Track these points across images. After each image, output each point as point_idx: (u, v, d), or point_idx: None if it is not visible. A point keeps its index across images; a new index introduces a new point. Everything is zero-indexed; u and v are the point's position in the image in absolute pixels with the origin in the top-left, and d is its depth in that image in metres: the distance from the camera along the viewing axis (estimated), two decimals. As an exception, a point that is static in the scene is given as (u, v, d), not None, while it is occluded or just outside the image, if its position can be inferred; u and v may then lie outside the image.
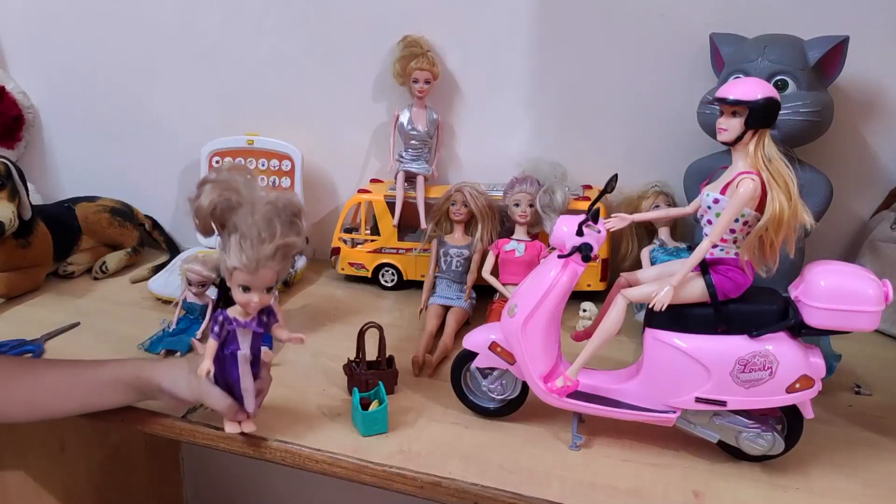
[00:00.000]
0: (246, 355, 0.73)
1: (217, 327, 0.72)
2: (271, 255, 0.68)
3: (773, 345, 0.70)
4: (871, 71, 1.01)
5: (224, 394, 0.75)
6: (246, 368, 0.74)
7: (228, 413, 0.75)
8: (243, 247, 0.67)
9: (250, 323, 0.72)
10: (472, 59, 1.17)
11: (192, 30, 1.28)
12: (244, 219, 0.68)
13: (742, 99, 0.67)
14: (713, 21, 1.03)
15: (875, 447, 0.78)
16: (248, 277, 0.68)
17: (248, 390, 0.75)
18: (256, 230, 0.67)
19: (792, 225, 0.68)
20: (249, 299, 0.70)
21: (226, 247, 0.69)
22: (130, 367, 0.80)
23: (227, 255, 0.68)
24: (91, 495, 1.27)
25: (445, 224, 1.10)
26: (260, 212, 0.68)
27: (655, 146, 1.13)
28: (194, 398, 0.76)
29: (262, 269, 0.68)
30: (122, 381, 0.79)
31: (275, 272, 0.70)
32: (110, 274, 1.24)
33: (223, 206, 0.68)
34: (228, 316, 0.72)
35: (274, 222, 0.68)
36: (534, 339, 0.75)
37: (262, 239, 0.67)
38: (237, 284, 0.69)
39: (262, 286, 0.70)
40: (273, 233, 0.68)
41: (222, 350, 0.73)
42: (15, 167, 1.13)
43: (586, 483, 0.72)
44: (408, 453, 0.76)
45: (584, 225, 0.74)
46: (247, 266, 0.67)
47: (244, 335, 0.73)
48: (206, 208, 0.68)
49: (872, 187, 1.07)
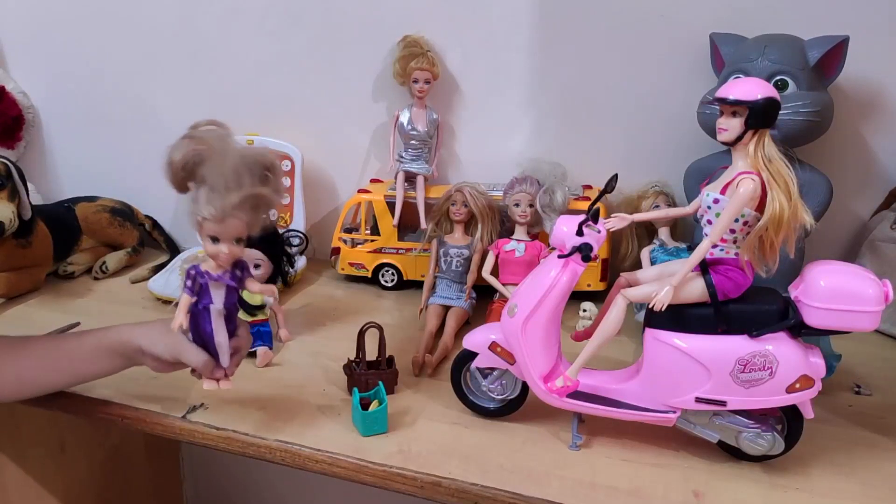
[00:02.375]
0: (220, 310, 0.73)
1: (189, 282, 0.72)
2: (238, 203, 0.68)
3: (773, 345, 0.70)
4: (871, 71, 1.01)
5: (199, 349, 0.75)
6: (220, 323, 0.74)
7: (205, 369, 0.75)
8: (210, 197, 0.67)
9: (223, 276, 0.72)
10: (472, 59, 1.17)
11: (192, 30, 1.28)
12: (212, 169, 0.68)
13: (742, 99, 0.67)
14: (713, 21, 1.03)
15: (875, 447, 0.78)
16: (215, 227, 0.68)
17: (221, 345, 0.74)
18: (223, 180, 0.67)
19: (792, 225, 0.68)
20: (218, 250, 0.70)
21: (196, 199, 0.69)
22: (112, 332, 0.80)
23: (197, 207, 0.69)
24: (91, 495, 1.27)
25: (445, 224, 1.10)
26: (229, 163, 0.68)
27: (655, 146, 1.13)
28: (171, 355, 0.76)
29: (229, 219, 0.68)
30: (106, 347, 0.79)
31: (243, 223, 0.70)
32: (110, 274, 1.24)
33: (195, 160, 0.68)
34: (200, 269, 0.72)
35: (242, 172, 0.68)
36: (534, 339, 0.75)
37: (230, 188, 0.67)
38: (206, 235, 0.69)
39: (231, 236, 0.69)
40: (240, 182, 0.68)
41: (195, 306, 0.73)
42: (15, 167, 1.13)
43: (586, 483, 0.72)
44: (408, 453, 0.76)
45: (584, 225, 0.74)
46: (214, 215, 0.68)
47: (217, 289, 0.73)
48: (177, 162, 0.68)
49: (872, 187, 1.07)
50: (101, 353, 0.80)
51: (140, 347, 0.77)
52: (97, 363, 0.80)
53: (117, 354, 0.79)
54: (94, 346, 0.80)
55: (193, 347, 0.75)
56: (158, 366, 0.79)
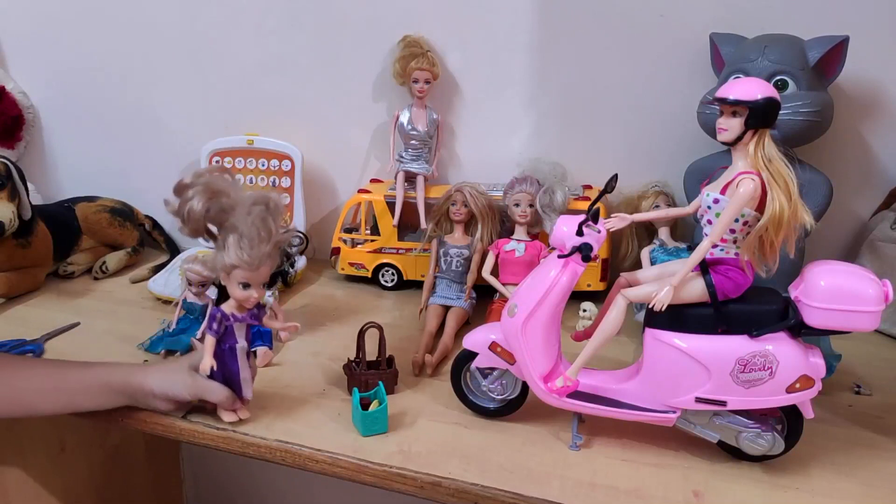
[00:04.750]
0: (244, 347, 0.77)
1: (216, 324, 0.75)
2: (270, 252, 0.72)
3: (773, 345, 0.70)
4: (871, 71, 1.01)
5: (222, 386, 0.78)
6: (244, 359, 0.78)
7: (227, 403, 0.78)
8: (243, 246, 0.70)
9: (246, 317, 0.76)
10: (472, 59, 1.17)
11: (193, 30, 1.28)
12: (242, 219, 0.70)
13: (742, 99, 0.67)
14: (713, 21, 1.03)
15: (875, 447, 0.78)
16: (248, 275, 0.72)
17: (247, 380, 0.78)
18: (256, 230, 0.70)
19: (792, 225, 0.68)
20: (249, 295, 0.73)
21: (224, 246, 0.71)
22: (120, 372, 0.81)
23: (225, 254, 0.71)
24: (91, 495, 1.27)
25: (445, 224, 1.10)
26: (255, 212, 0.71)
27: (655, 146, 1.13)
28: (192, 395, 0.78)
29: (261, 267, 0.72)
30: (110, 386, 0.80)
31: (269, 268, 0.74)
32: (110, 274, 1.24)
33: (216, 209, 0.71)
34: (225, 313, 0.75)
35: (269, 221, 0.71)
36: (534, 339, 0.75)
37: (262, 238, 0.71)
38: (237, 282, 0.73)
39: (260, 282, 0.74)
40: (269, 231, 0.71)
41: (220, 345, 0.76)
42: (15, 167, 1.13)
43: (586, 483, 0.72)
44: (408, 453, 0.76)
45: (584, 225, 0.74)
46: (249, 264, 0.71)
47: (240, 329, 0.77)
48: (198, 211, 0.70)
49: (872, 187, 1.07)
50: (104, 390, 0.80)
51: (152, 391, 0.79)
52: (98, 399, 0.81)
53: (122, 394, 0.80)
54: (98, 383, 0.80)
55: (216, 385, 0.78)
56: (168, 406, 0.80)
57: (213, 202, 0.70)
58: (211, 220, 0.71)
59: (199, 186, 0.70)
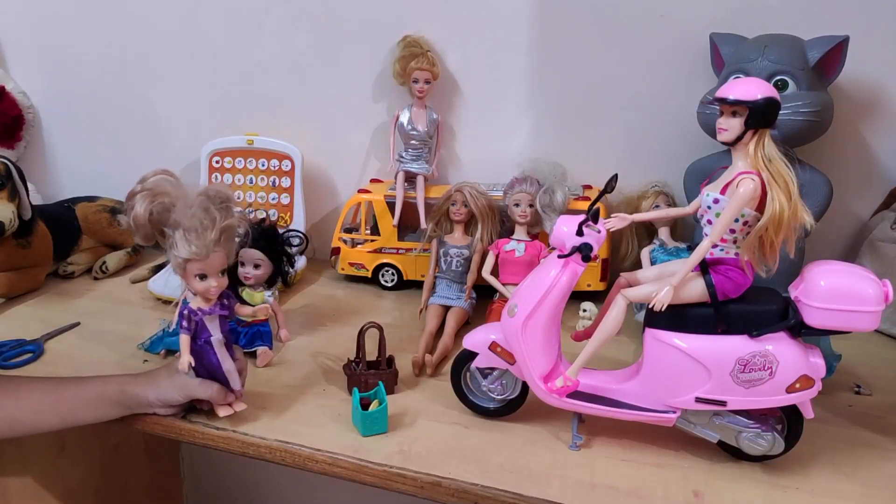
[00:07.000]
0: (220, 339, 0.78)
1: (185, 322, 0.76)
2: (217, 239, 0.73)
3: (773, 345, 0.70)
4: (871, 71, 1.01)
5: (208, 381, 0.79)
6: (223, 351, 0.78)
7: (218, 398, 0.79)
8: (189, 238, 0.72)
9: (214, 309, 0.77)
10: (472, 59, 1.17)
11: (193, 30, 1.28)
12: (183, 212, 0.72)
13: (742, 99, 0.67)
14: (713, 21, 1.03)
15: (875, 447, 0.78)
16: (201, 265, 0.73)
17: (230, 371, 0.79)
18: (197, 220, 0.72)
19: (792, 225, 0.68)
20: (208, 285, 0.74)
21: (172, 244, 0.73)
22: (115, 384, 0.81)
23: (175, 251, 0.73)
24: (91, 495, 1.27)
25: (445, 224, 1.10)
26: (195, 203, 0.72)
27: (655, 146, 1.13)
28: (183, 396, 0.79)
29: (212, 255, 0.73)
30: (107, 399, 0.80)
31: (224, 254, 0.74)
32: (110, 274, 1.24)
33: (159, 210, 0.72)
34: (192, 308, 0.76)
35: (211, 209, 0.72)
36: (534, 339, 0.75)
37: (206, 226, 0.72)
38: (193, 275, 0.74)
39: (216, 270, 0.74)
40: (213, 219, 0.72)
41: (196, 342, 0.77)
42: (15, 167, 1.13)
43: (586, 483, 0.72)
44: (408, 453, 0.76)
45: (584, 225, 0.74)
46: (198, 254, 0.72)
47: (212, 322, 0.77)
48: (142, 215, 0.72)
49: (872, 187, 1.07)
50: (102, 402, 0.81)
51: (147, 400, 0.79)
52: (97, 411, 0.81)
53: (118, 405, 0.81)
54: (96, 396, 0.81)
55: (202, 381, 0.78)
56: (167, 410, 0.81)
57: (156, 204, 0.72)
58: (157, 222, 0.73)
59: (143, 192, 0.72)
